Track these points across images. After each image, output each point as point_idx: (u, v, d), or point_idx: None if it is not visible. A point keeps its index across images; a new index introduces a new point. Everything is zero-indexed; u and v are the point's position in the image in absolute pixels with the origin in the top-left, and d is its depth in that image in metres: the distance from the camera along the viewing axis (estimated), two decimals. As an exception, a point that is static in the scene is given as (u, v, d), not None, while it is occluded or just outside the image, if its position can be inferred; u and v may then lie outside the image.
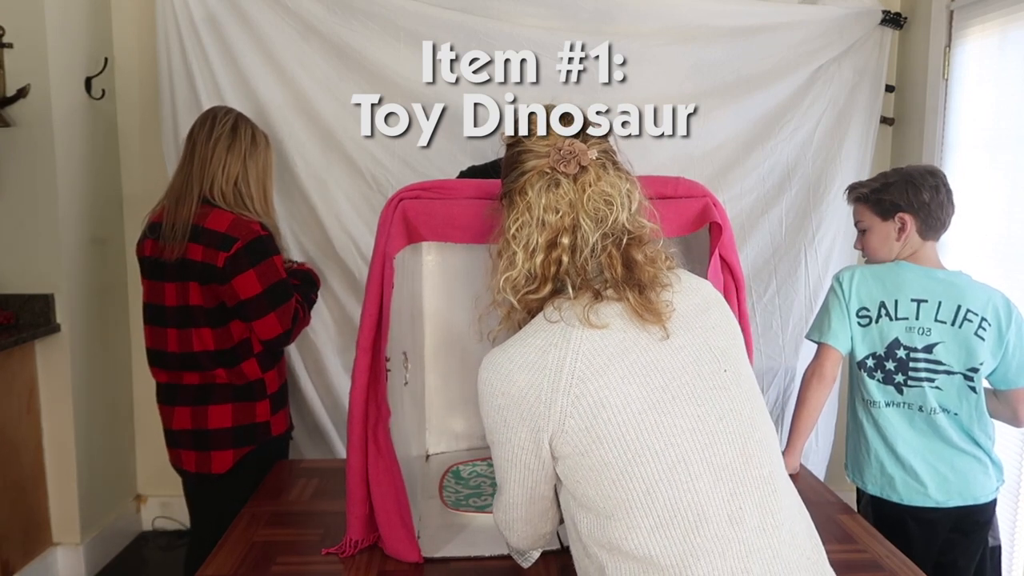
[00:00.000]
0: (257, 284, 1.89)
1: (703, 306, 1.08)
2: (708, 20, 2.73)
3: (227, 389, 1.97)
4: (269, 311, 1.92)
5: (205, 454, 1.98)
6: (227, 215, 1.92)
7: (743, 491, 0.96)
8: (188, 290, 1.92)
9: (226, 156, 1.96)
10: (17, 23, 2.47)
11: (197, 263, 1.89)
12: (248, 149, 2.00)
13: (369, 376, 1.35)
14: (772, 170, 2.86)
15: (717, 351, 1.03)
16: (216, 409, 1.96)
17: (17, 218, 2.55)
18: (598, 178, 1.03)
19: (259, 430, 2.01)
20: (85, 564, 2.71)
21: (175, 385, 2.00)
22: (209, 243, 1.88)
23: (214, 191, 1.94)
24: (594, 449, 0.95)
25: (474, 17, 2.64)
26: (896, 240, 1.87)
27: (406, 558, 1.39)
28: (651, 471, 0.94)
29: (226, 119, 2.00)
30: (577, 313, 0.99)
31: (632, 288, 1.01)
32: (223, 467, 1.98)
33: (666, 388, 0.97)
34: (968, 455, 1.81)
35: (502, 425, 1.01)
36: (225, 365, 1.96)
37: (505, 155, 1.12)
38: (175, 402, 2.00)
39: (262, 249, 1.91)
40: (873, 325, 1.84)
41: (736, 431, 0.99)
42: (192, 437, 1.98)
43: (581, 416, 0.95)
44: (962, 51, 2.67)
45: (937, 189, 1.85)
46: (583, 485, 0.98)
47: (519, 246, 1.03)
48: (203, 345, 1.94)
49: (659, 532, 0.93)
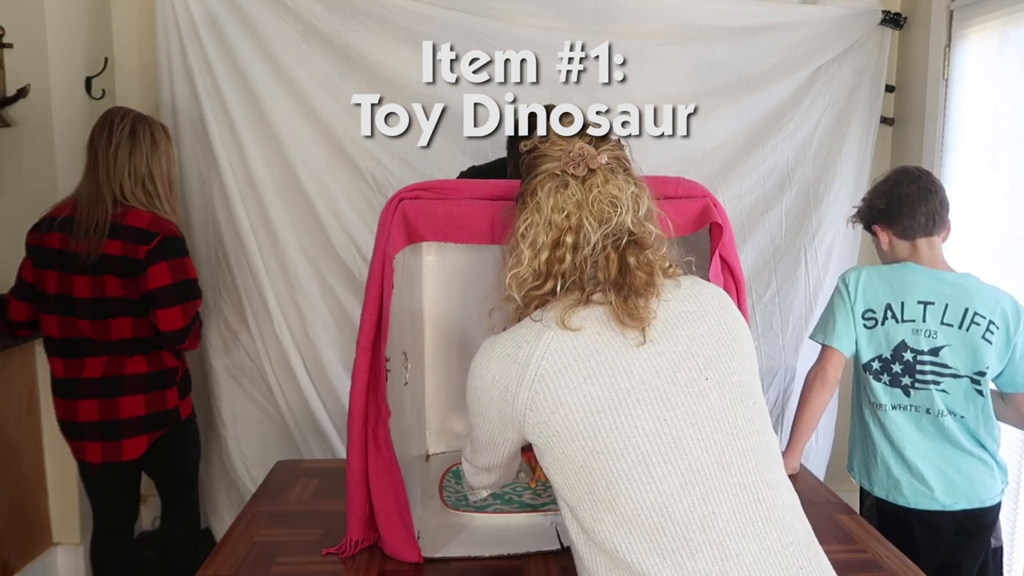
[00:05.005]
0: (168, 276, 2.05)
1: (697, 314, 1.08)
2: (708, 20, 2.73)
3: (139, 379, 2.09)
4: (174, 304, 2.06)
5: (115, 443, 2.10)
6: (146, 214, 2.06)
7: (717, 497, 0.97)
8: (104, 283, 2.03)
9: (129, 161, 2.07)
10: (17, 23, 2.47)
11: (116, 257, 2.02)
12: (149, 151, 2.10)
13: (369, 376, 1.35)
14: (772, 170, 2.85)
15: (700, 359, 1.03)
16: (128, 400, 2.08)
17: (17, 218, 2.54)
18: (606, 181, 1.05)
19: (170, 415, 2.17)
20: (85, 564, 2.71)
21: (75, 379, 2.09)
22: (129, 238, 2.02)
23: (125, 193, 2.06)
24: (555, 442, 1.01)
25: (474, 17, 2.64)
26: (885, 249, 1.90)
27: (406, 558, 1.39)
28: (609, 468, 0.97)
29: (123, 123, 2.08)
30: (556, 314, 1.03)
31: (618, 292, 1.03)
32: (136, 453, 2.11)
33: (631, 391, 0.99)
34: (975, 458, 1.80)
35: (476, 403, 1.10)
36: (144, 351, 2.10)
37: (524, 160, 1.14)
38: (78, 395, 2.09)
39: (178, 247, 2.08)
40: (879, 327, 1.83)
41: (711, 438, 0.99)
42: (100, 429, 2.09)
43: (539, 411, 1.01)
44: (962, 51, 2.67)
45: (892, 190, 1.86)
46: (552, 473, 1.04)
47: (526, 245, 1.06)
48: (120, 333, 2.07)
49: (623, 529, 0.96)
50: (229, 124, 2.66)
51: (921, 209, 1.83)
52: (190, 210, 2.73)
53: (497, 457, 1.15)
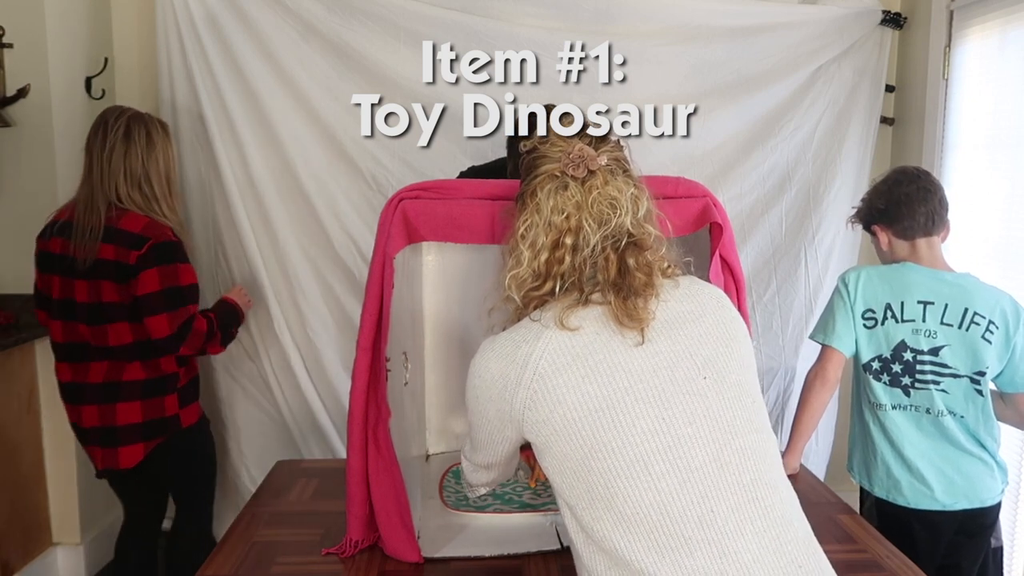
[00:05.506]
0: (157, 283, 1.98)
1: (696, 314, 1.08)
2: (708, 20, 2.73)
3: (136, 386, 2.04)
4: (162, 311, 1.99)
5: (112, 450, 2.06)
6: (141, 218, 2.00)
7: (716, 495, 0.97)
8: (101, 288, 1.99)
9: (123, 163, 2.01)
10: (17, 23, 2.47)
11: (110, 262, 1.97)
12: (144, 151, 2.03)
13: (369, 376, 1.35)
14: (772, 170, 2.86)
15: (699, 359, 1.04)
16: (124, 406, 2.04)
17: (17, 218, 2.55)
18: (605, 182, 1.06)
19: (169, 423, 2.10)
20: (85, 564, 2.71)
21: (80, 384, 2.06)
22: (121, 243, 1.97)
23: (120, 196, 2.01)
24: (554, 441, 1.01)
25: (474, 17, 2.64)
26: (884, 249, 1.90)
27: (406, 558, 1.39)
28: (607, 466, 0.98)
29: (117, 124, 2.03)
30: (555, 314, 1.04)
31: (618, 293, 1.03)
32: (132, 461, 2.07)
33: (629, 390, 1.00)
34: (974, 458, 1.80)
35: (475, 402, 1.11)
36: (142, 358, 2.04)
37: (523, 161, 1.14)
38: (82, 400, 2.06)
39: (170, 253, 2.00)
40: (879, 327, 1.83)
41: (709, 436, 1.00)
42: (100, 434, 2.06)
43: (538, 410, 1.01)
44: (962, 51, 2.67)
45: (891, 190, 1.87)
46: (551, 472, 1.04)
47: (526, 246, 1.07)
48: (119, 339, 2.03)
49: (622, 527, 0.97)
50: (229, 124, 2.66)
51: (920, 209, 1.83)
52: (190, 210, 2.73)
53: (496, 455, 1.16)
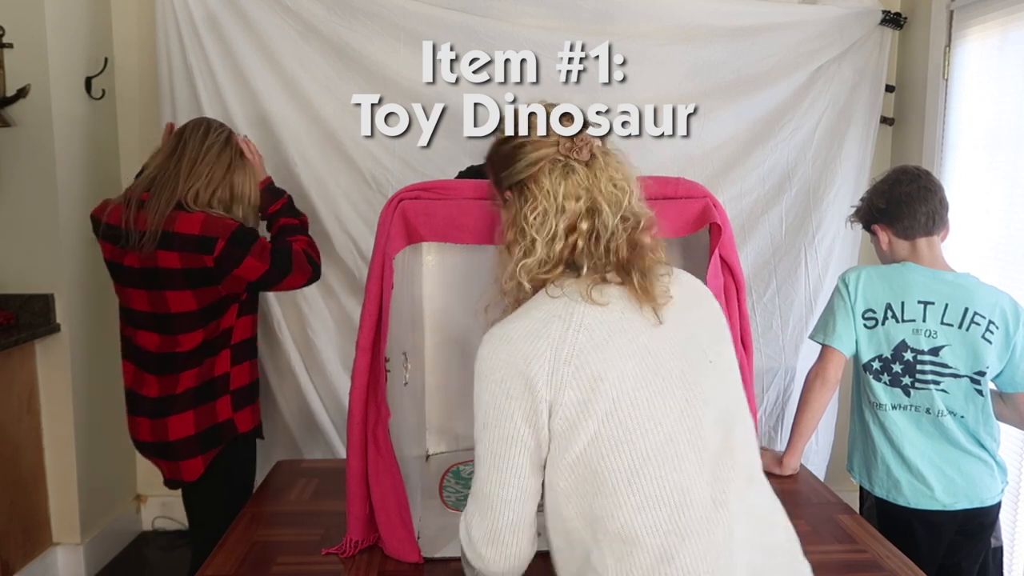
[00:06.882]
0: (260, 265, 1.89)
1: (695, 299, 1.12)
2: (708, 20, 2.73)
3: (186, 396, 1.94)
4: (285, 275, 1.94)
5: (174, 463, 1.99)
6: (196, 216, 1.87)
7: (725, 477, 1.00)
8: (165, 299, 1.89)
9: (216, 161, 1.95)
10: (17, 23, 2.47)
11: (176, 271, 1.85)
12: (235, 160, 2.00)
13: (369, 376, 1.35)
14: (772, 170, 2.85)
15: (703, 341, 1.07)
16: (176, 419, 1.94)
17: (17, 218, 2.55)
18: (606, 164, 1.07)
19: (223, 429, 1.98)
20: (85, 564, 2.71)
21: (135, 394, 1.99)
22: (186, 248, 1.84)
23: (189, 195, 1.90)
24: (585, 422, 0.96)
25: (474, 17, 2.64)
26: (884, 249, 1.89)
27: (406, 558, 1.39)
28: (640, 448, 0.96)
29: (220, 130, 2.02)
30: (580, 290, 1.02)
31: (635, 271, 1.03)
32: (194, 475, 1.98)
33: (657, 371, 1.00)
34: (975, 458, 1.80)
35: (503, 399, 0.99)
36: (196, 362, 1.94)
37: (499, 152, 1.13)
38: (135, 412, 2.00)
39: (246, 236, 1.89)
40: (879, 327, 1.82)
41: (719, 419, 1.02)
42: (156, 448, 2.00)
43: (579, 388, 0.96)
44: (962, 51, 2.67)
45: (891, 190, 1.86)
46: (562, 470, 0.98)
47: (537, 233, 1.04)
48: (191, 344, 1.93)
49: (644, 511, 0.96)
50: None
51: (921, 209, 1.83)
52: (190, 210, 2.73)
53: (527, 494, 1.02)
